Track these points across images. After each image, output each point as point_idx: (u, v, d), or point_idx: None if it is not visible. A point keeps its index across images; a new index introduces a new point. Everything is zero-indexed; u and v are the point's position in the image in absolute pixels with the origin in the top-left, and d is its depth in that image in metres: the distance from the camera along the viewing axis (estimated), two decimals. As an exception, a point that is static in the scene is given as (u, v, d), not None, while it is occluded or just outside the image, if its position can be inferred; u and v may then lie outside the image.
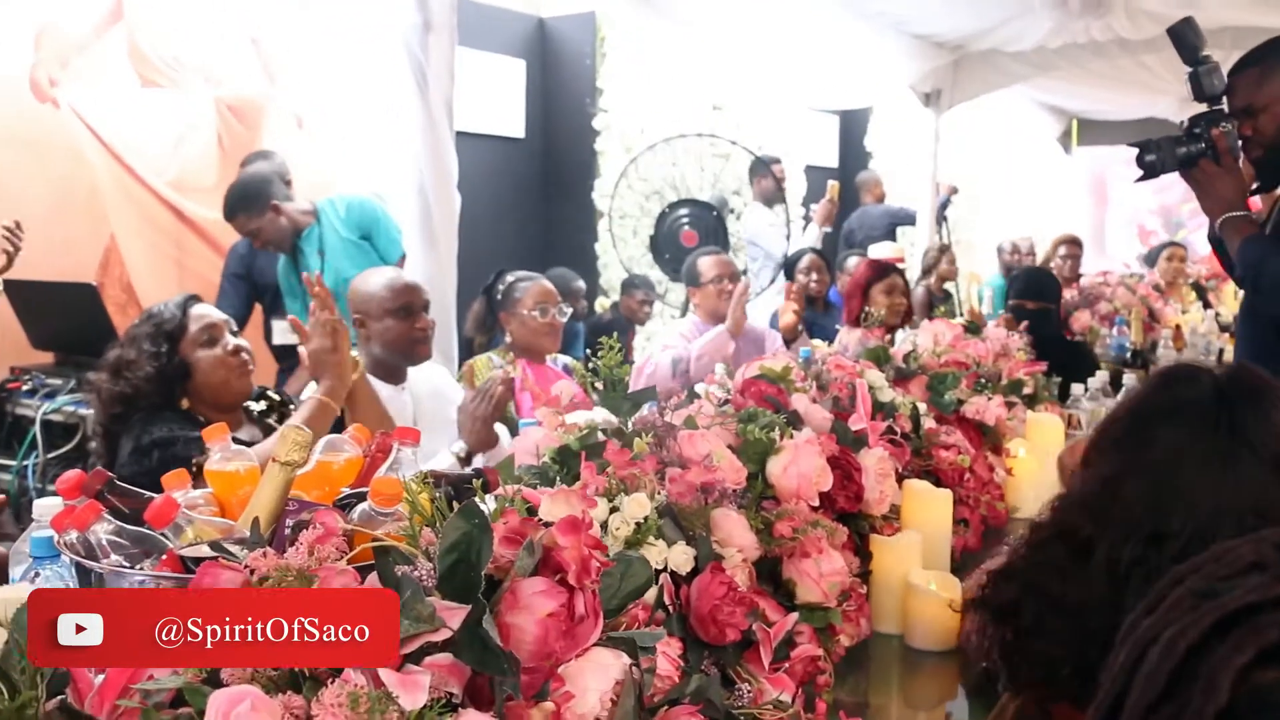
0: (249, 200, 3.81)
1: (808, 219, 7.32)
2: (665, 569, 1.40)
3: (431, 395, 2.93)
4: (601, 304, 6.55)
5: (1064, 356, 3.71)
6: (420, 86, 3.37)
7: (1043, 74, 6.11)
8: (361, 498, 1.32)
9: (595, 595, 0.98)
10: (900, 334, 3.84)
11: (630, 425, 1.72)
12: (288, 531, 1.27)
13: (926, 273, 6.75)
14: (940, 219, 7.29)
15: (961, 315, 5.14)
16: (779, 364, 2.23)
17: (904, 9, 5.13)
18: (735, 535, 1.51)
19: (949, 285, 6.86)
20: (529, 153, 6.70)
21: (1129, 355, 4.80)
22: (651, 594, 1.29)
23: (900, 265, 5.42)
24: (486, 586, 0.95)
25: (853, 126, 9.39)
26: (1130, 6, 4.66)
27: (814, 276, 5.41)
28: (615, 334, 1.94)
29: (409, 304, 2.78)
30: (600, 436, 1.70)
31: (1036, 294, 4.37)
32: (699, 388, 2.34)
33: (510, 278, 3.39)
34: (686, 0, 4.45)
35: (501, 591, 0.96)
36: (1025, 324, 3.76)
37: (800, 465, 1.63)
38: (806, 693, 1.29)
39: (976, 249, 10.20)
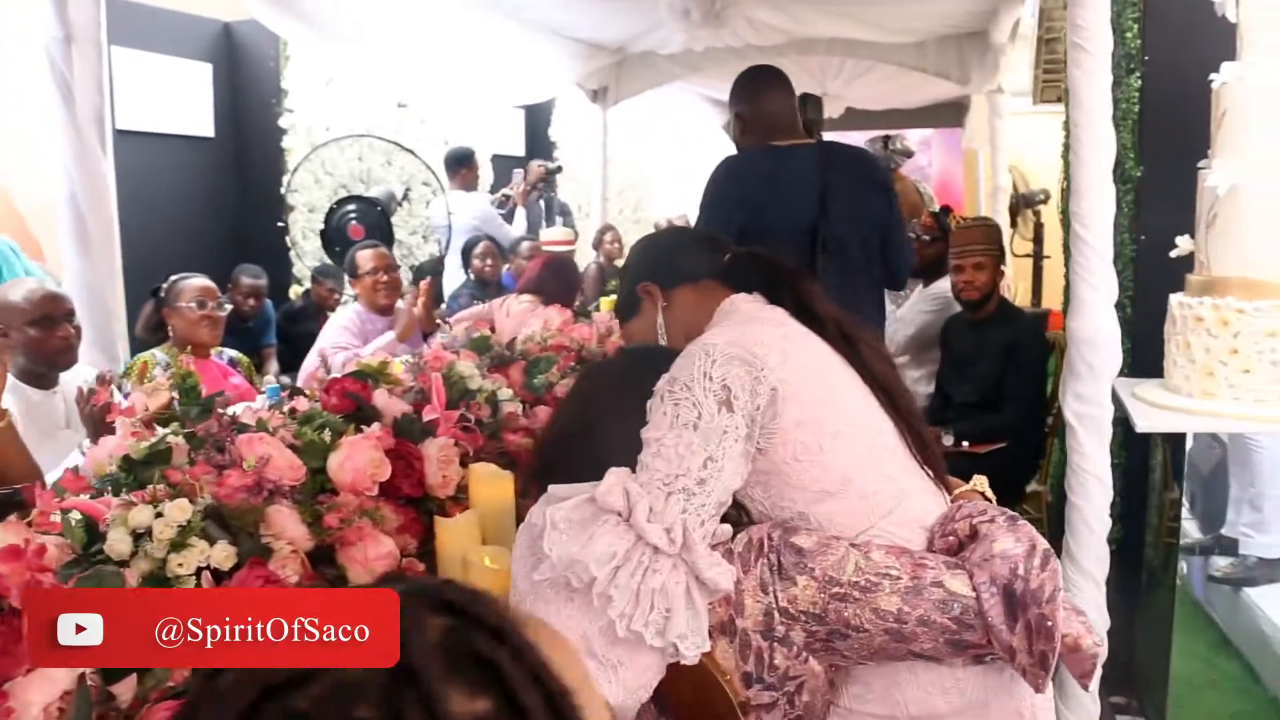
0: None
1: (501, 206, 7.55)
2: (208, 567, 1.53)
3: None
4: (295, 291, 6.62)
5: None
6: (65, 99, 3.31)
7: (695, 74, 6.49)
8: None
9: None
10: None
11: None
12: None
13: (596, 249, 7.19)
14: (541, 197, 7.66)
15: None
16: (377, 359, 2.39)
17: (562, 16, 5.34)
18: (288, 529, 1.65)
19: (619, 263, 7.24)
20: (220, 151, 6.99)
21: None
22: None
23: (571, 249, 5.75)
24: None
25: (539, 117, 9.64)
26: (751, 19, 5.00)
27: (488, 262, 5.76)
28: (305, 319, 2.03)
29: (49, 314, 2.84)
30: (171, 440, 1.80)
31: None
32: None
33: (174, 278, 3.56)
34: (344, 17, 4.40)
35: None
36: None
37: (355, 460, 1.79)
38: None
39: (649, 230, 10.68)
